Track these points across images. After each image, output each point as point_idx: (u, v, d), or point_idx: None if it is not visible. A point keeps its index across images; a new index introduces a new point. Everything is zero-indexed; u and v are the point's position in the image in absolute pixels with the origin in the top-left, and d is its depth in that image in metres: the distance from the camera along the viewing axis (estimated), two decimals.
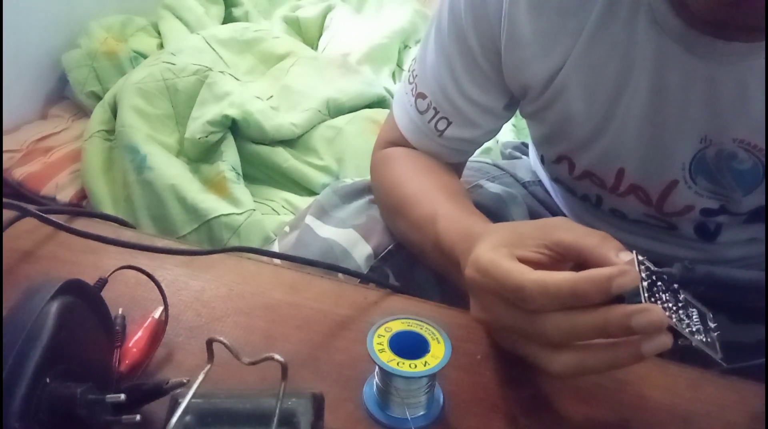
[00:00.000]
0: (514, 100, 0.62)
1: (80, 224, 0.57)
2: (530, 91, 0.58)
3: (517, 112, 0.66)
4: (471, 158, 0.72)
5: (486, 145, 1.37)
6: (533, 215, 0.70)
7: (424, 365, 0.39)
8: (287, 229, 0.70)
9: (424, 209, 0.56)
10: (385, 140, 0.68)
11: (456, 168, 0.67)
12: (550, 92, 0.56)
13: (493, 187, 0.72)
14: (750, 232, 0.60)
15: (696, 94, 0.50)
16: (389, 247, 0.61)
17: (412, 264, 0.61)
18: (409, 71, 0.65)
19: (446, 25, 0.59)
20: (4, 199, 0.55)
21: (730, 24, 0.46)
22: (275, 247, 0.68)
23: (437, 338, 0.41)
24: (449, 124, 0.62)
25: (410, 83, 0.64)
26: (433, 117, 0.62)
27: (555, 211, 0.74)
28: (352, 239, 0.62)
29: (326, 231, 0.64)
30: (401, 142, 0.66)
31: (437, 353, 0.40)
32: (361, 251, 0.62)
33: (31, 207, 0.54)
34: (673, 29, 0.49)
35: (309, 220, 0.67)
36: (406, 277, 0.61)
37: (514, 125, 1.44)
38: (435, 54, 0.61)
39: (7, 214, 0.54)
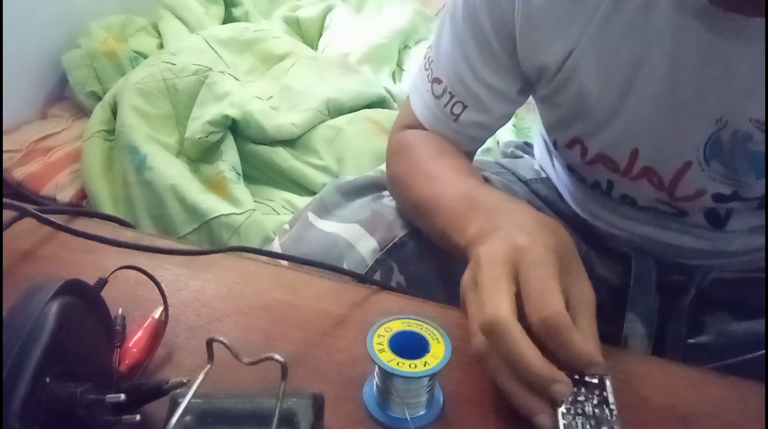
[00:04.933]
0: (528, 84, 0.63)
1: (80, 224, 0.57)
2: (545, 74, 0.59)
3: (517, 113, 0.66)
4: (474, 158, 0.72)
5: (486, 145, 1.38)
6: None
7: (424, 365, 0.39)
8: (287, 226, 0.70)
9: (455, 181, 0.57)
10: (401, 125, 0.70)
11: (468, 157, 0.68)
12: (565, 73, 0.57)
13: (497, 181, 0.73)
14: (758, 219, 0.60)
15: (713, 73, 0.51)
16: (394, 241, 0.62)
17: (418, 257, 0.62)
18: (425, 58, 0.67)
19: (460, 10, 0.60)
20: (4, 199, 0.55)
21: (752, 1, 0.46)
22: (275, 245, 0.68)
23: (437, 338, 0.41)
24: (465, 107, 0.63)
25: (426, 69, 0.66)
26: (449, 101, 0.63)
27: (558, 208, 0.74)
28: (356, 233, 0.63)
29: (329, 226, 0.65)
30: (417, 127, 0.67)
31: (437, 353, 0.40)
32: (365, 244, 0.62)
33: (31, 207, 0.54)
34: (693, 6, 0.49)
35: (310, 216, 0.67)
36: (411, 269, 0.61)
37: (514, 125, 1.44)
38: (450, 39, 0.63)
39: (7, 214, 0.54)
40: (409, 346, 0.40)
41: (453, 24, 0.62)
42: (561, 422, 0.39)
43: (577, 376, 0.42)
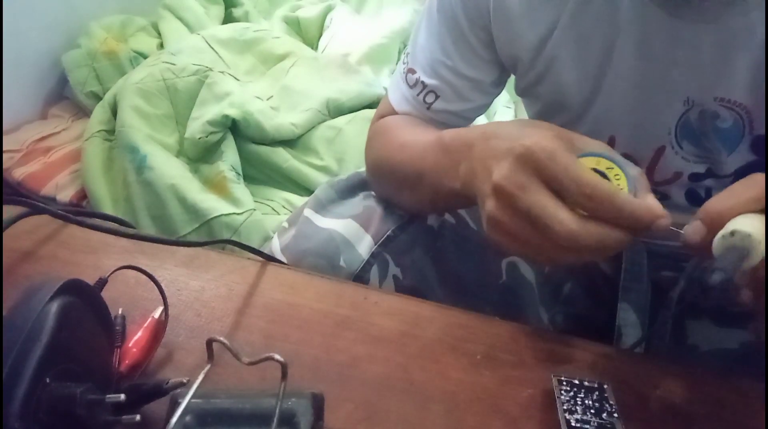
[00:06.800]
0: (503, 75, 0.65)
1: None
2: (520, 63, 0.60)
3: (517, 113, 0.67)
4: None
5: None
6: None
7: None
8: (286, 224, 0.70)
9: (426, 137, 0.58)
10: (378, 116, 0.73)
11: None
12: (541, 64, 0.58)
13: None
14: None
15: (679, 55, 0.52)
16: (387, 233, 0.62)
17: (410, 248, 0.63)
18: (404, 52, 0.70)
19: (435, 4, 0.63)
20: (13, 197, 0.56)
21: None
22: (275, 243, 0.68)
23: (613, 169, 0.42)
24: (437, 97, 0.65)
25: (404, 63, 0.68)
26: (422, 91, 0.66)
27: None
28: (352, 229, 0.63)
29: (325, 222, 0.65)
30: (393, 114, 0.70)
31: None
32: (361, 240, 0.62)
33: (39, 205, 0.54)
34: None
35: (307, 212, 0.68)
36: (405, 261, 0.62)
37: None
38: (426, 31, 0.65)
39: (15, 210, 0.54)
40: None
41: (429, 16, 0.64)
42: (562, 424, 0.39)
43: (577, 381, 0.42)
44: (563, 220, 0.39)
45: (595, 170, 0.42)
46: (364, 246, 0.62)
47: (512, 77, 0.67)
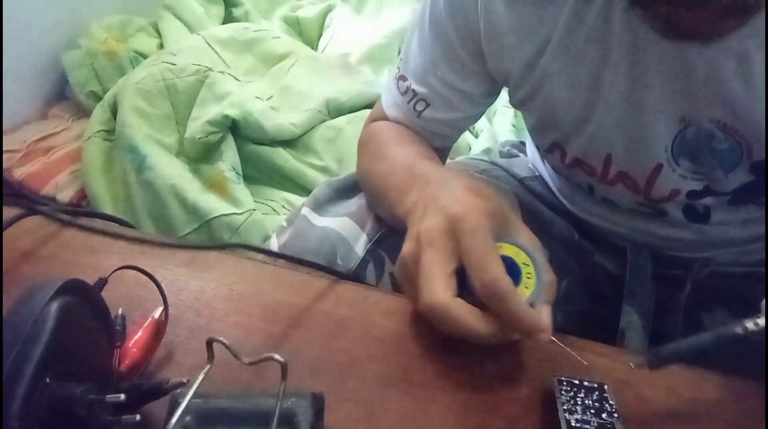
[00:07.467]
0: (494, 87, 0.66)
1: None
2: (512, 78, 0.61)
3: (516, 113, 0.67)
4: (467, 156, 0.73)
5: (486, 145, 1.39)
6: (526, 207, 0.71)
7: (526, 288, 0.42)
8: (284, 223, 0.71)
9: (404, 156, 0.60)
10: (371, 119, 0.73)
11: (437, 153, 0.69)
12: (534, 80, 0.58)
13: (481, 179, 0.74)
14: (742, 213, 0.60)
15: (672, 75, 0.51)
16: (382, 231, 0.63)
17: None
18: (399, 58, 0.70)
19: (427, 15, 0.63)
20: (10, 198, 0.56)
21: (693, 29, 0.48)
22: (273, 242, 0.68)
23: (528, 266, 0.43)
24: (427, 106, 0.66)
25: (397, 68, 0.69)
26: (412, 98, 0.66)
27: (552, 204, 0.74)
28: (347, 226, 0.64)
29: (322, 221, 0.66)
30: (384, 119, 0.70)
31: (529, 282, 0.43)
32: (357, 238, 0.63)
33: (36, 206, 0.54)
34: (644, 20, 0.50)
35: (305, 211, 0.68)
36: None
37: (514, 126, 1.44)
38: (417, 41, 0.65)
39: (11, 212, 0.54)
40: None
41: (420, 25, 0.64)
42: (562, 424, 0.39)
43: (577, 381, 0.42)
44: (430, 292, 0.42)
45: (511, 260, 0.43)
46: (360, 244, 0.62)
47: None
